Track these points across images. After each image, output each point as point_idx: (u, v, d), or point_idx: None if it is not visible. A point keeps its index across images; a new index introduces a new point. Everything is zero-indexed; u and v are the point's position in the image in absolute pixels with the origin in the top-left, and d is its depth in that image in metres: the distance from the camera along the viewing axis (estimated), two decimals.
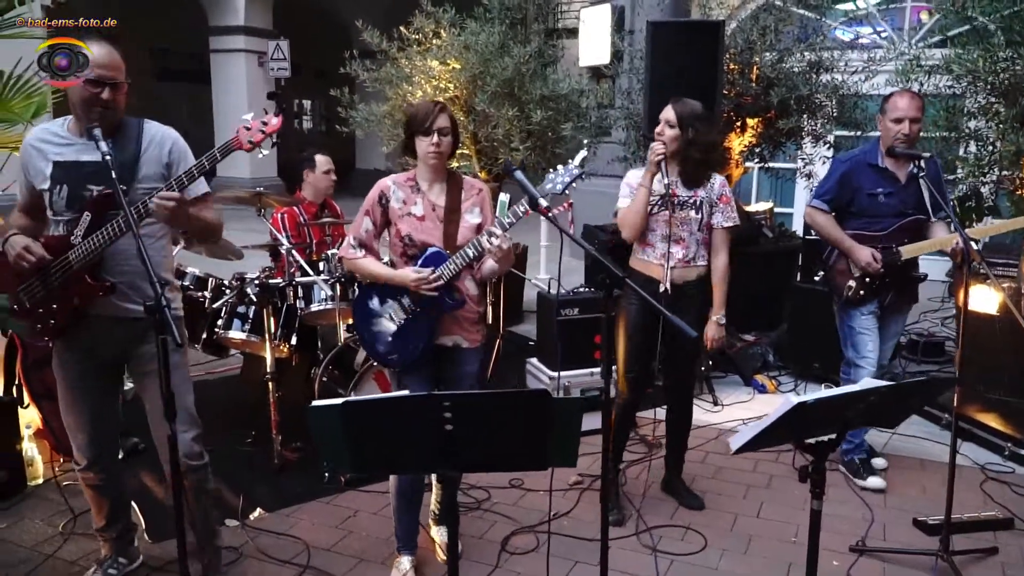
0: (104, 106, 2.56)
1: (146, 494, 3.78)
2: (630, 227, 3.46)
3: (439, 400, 2.05)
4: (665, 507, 3.79)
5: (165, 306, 2.12)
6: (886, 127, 3.73)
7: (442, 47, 6.04)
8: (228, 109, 14.99)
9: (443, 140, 2.88)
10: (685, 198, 3.46)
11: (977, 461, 4.21)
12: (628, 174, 3.60)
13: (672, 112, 3.40)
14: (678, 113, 3.40)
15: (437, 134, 2.86)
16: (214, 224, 2.83)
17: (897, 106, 3.69)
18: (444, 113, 2.89)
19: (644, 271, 3.52)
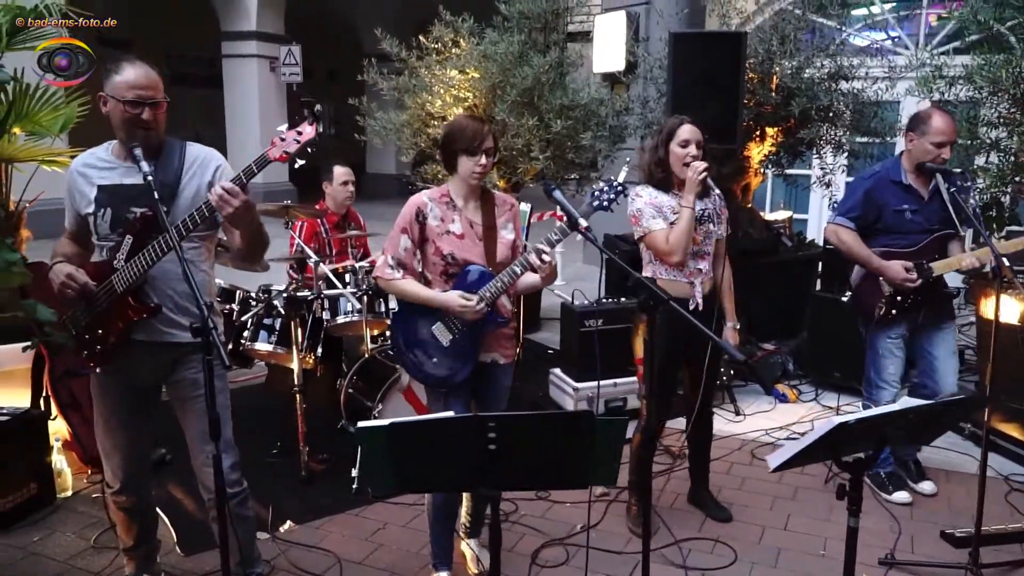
0: (145, 127, 2.58)
1: (175, 506, 3.81)
2: (684, 250, 3.35)
3: (484, 421, 2.08)
4: (692, 519, 3.80)
5: (213, 328, 2.14)
6: (923, 148, 3.64)
7: (461, 56, 6.07)
8: (240, 114, 15.07)
9: (489, 161, 2.88)
10: (700, 212, 3.46)
11: (1001, 472, 4.21)
12: (644, 194, 3.46)
13: (698, 132, 3.40)
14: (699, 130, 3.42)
15: (484, 155, 2.84)
16: (265, 234, 2.77)
17: (941, 129, 3.60)
18: (491, 133, 2.88)
19: (670, 291, 3.43)
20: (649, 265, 3.53)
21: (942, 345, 3.86)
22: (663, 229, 3.39)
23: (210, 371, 2.21)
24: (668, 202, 3.43)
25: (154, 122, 2.60)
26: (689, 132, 3.39)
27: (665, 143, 3.44)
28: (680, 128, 3.41)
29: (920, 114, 3.74)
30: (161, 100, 2.61)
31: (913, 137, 3.71)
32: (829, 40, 5.89)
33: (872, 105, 5.76)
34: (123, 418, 2.83)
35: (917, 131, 3.69)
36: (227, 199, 2.43)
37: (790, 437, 4.70)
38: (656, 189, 3.48)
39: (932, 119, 3.65)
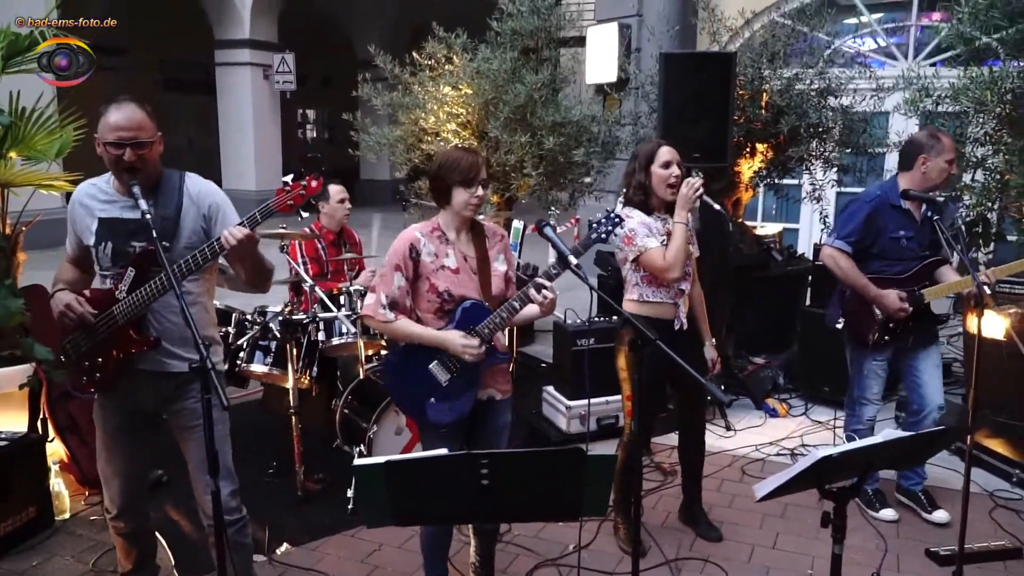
0: (128, 168, 2.59)
1: (172, 528, 3.84)
2: (681, 266, 3.40)
3: (476, 459, 2.14)
4: (683, 537, 3.85)
5: (211, 368, 2.18)
6: (939, 167, 3.70)
7: (454, 72, 6.12)
8: (234, 122, 15.11)
9: (484, 192, 2.86)
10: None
11: (986, 488, 4.28)
12: (635, 215, 3.50)
13: (676, 153, 3.48)
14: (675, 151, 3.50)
15: (480, 186, 2.82)
16: (270, 265, 2.82)
17: (952, 146, 3.71)
18: (484, 164, 2.86)
19: (653, 313, 3.49)
20: (635, 288, 3.55)
21: (928, 361, 3.93)
22: (659, 247, 3.43)
23: (208, 408, 2.25)
24: (654, 223, 3.50)
25: (139, 162, 2.60)
26: (669, 153, 3.47)
27: (645, 167, 3.50)
28: (660, 150, 3.48)
29: (925, 137, 3.78)
30: (146, 140, 2.61)
31: (927, 159, 3.72)
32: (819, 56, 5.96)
33: (861, 122, 5.84)
34: (123, 444, 2.87)
35: (931, 152, 3.72)
36: (238, 237, 2.49)
37: (780, 453, 4.77)
38: (640, 213, 3.53)
39: (942, 138, 3.73)
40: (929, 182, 3.73)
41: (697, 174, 3.57)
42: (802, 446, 4.85)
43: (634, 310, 3.52)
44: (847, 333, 3.97)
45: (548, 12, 6.04)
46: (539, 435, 4.71)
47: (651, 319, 3.46)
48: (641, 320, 3.51)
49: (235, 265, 2.76)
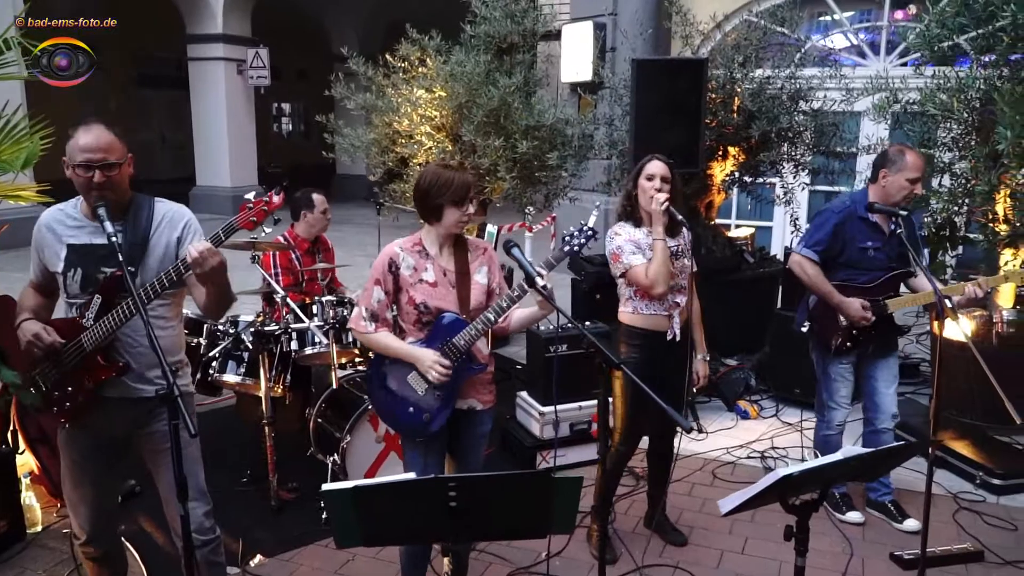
0: (98, 189, 2.57)
1: (145, 539, 3.84)
2: (665, 280, 3.45)
3: (444, 482, 2.17)
4: (654, 543, 3.90)
5: (178, 395, 2.18)
6: (899, 183, 3.74)
7: (428, 75, 6.12)
8: (207, 118, 14.97)
9: (473, 209, 2.89)
10: (674, 248, 3.59)
11: (950, 490, 4.37)
12: (623, 232, 3.57)
13: (665, 168, 3.51)
14: (668, 166, 3.53)
15: (471, 204, 2.86)
16: (232, 293, 2.80)
17: (917, 165, 3.72)
18: (474, 182, 2.89)
19: (647, 325, 3.57)
20: (629, 301, 3.62)
21: (885, 371, 4.01)
22: (643, 263, 3.49)
23: (176, 436, 2.25)
24: (644, 238, 3.56)
25: (108, 184, 2.58)
26: (655, 167, 3.52)
27: (635, 178, 3.59)
28: (648, 164, 3.55)
29: (892, 152, 3.83)
30: (115, 162, 2.59)
31: (887, 173, 3.78)
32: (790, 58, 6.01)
33: (831, 126, 5.90)
34: (91, 472, 2.84)
35: (892, 168, 3.76)
36: (204, 255, 2.46)
37: (750, 456, 4.84)
38: (632, 226, 3.60)
39: (907, 155, 3.75)
40: (889, 197, 3.78)
41: None
42: (772, 448, 4.92)
43: (628, 321, 3.62)
44: (812, 338, 4.04)
45: (522, 16, 6.04)
46: (513, 440, 4.73)
47: (646, 330, 3.57)
48: (636, 331, 3.61)
49: (197, 289, 2.72)
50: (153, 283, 2.53)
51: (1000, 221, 4.89)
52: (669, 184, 3.50)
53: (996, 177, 4.65)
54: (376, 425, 4.09)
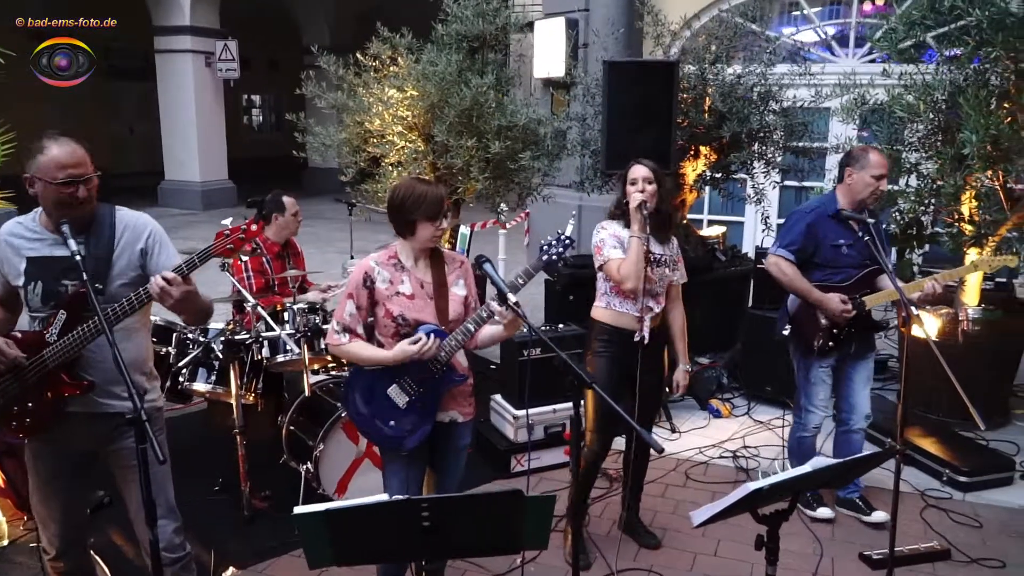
0: (80, 204, 2.54)
1: (114, 552, 3.79)
2: (635, 278, 3.50)
3: (417, 504, 2.17)
4: (628, 547, 3.93)
5: (146, 420, 2.16)
6: (864, 181, 3.80)
7: (399, 74, 6.07)
8: (175, 111, 14.76)
9: (448, 223, 2.90)
10: (659, 255, 3.62)
11: (917, 487, 4.45)
12: (608, 227, 3.66)
13: (648, 171, 3.56)
14: (652, 170, 3.57)
15: (444, 218, 2.86)
16: (207, 306, 2.81)
17: (880, 163, 3.80)
18: (447, 196, 2.89)
19: (617, 322, 3.63)
20: (604, 296, 3.70)
21: (862, 373, 4.08)
22: (618, 259, 3.57)
23: (144, 459, 2.22)
24: (627, 234, 3.60)
25: (88, 199, 2.57)
26: (636, 171, 3.60)
27: (623, 182, 3.67)
28: (631, 168, 3.63)
29: (856, 151, 3.91)
30: (92, 174, 2.57)
31: (852, 172, 3.85)
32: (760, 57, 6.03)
33: (801, 125, 5.94)
34: (59, 487, 2.80)
35: (856, 166, 3.84)
36: (168, 290, 2.44)
37: (722, 456, 4.89)
38: (620, 225, 3.66)
39: (870, 154, 3.84)
40: (856, 195, 3.85)
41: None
42: (744, 448, 4.97)
43: (600, 317, 3.70)
44: (793, 341, 4.09)
45: (494, 15, 6.00)
46: (487, 444, 4.74)
47: (615, 327, 3.64)
48: (606, 327, 3.67)
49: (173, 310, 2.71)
50: (121, 305, 2.50)
51: (965, 221, 4.96)
52: (654, 185, 3.55)
53: (962, 178, 4.72)
54: (352, 435, 4.08)
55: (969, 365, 4.89)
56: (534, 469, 4.56)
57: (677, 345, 3.83)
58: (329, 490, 4.09)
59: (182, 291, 2.46)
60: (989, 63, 4.67)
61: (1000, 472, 4.49)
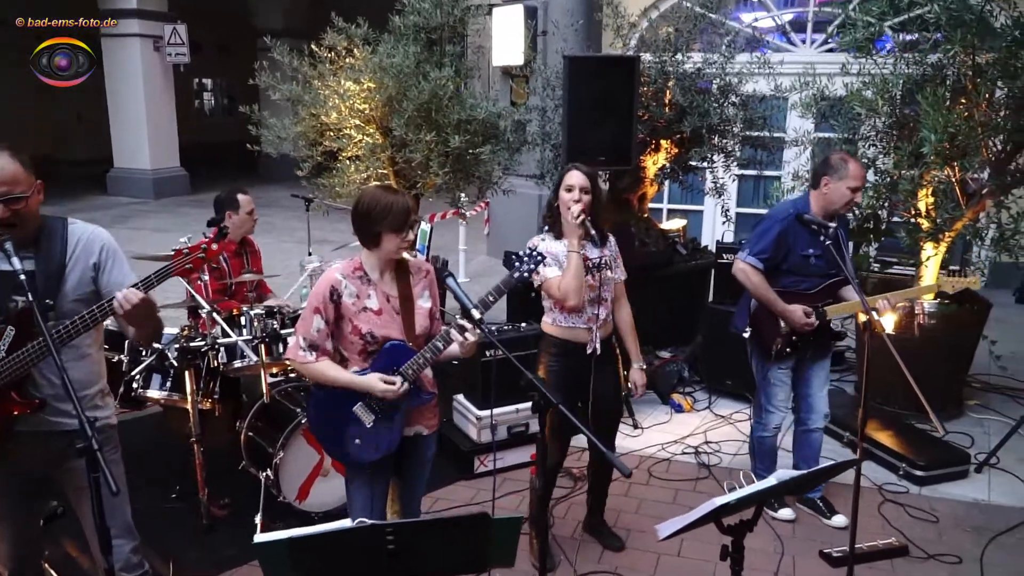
0: (2, 225, 2.43)
1: (70, 564, 3.69)
2: (576, 293, 3.41)
3: (382, 529, 2.13)
4: (592, 549, 3.94)
5: (98, 449, 2.08)
6: (840, 191, 3.77)
7: (356, 66, 5.95)
8: (123, 97, 14.34)
9: (414, 235, 2.85)
10: (597, 259, 3.56)
11: (875, 481, 4.51)
12: (540, 243, 3.48)
13: (584, 179, 3.46)
14: (589, 177, 3.48)
15: (410, 229, 2.80)
16: (161, 325, 2.75)
17: (859, 175, 3.78)
18: (415, 205, 2.85)
19: (568, 336, 3.56)
20: (550, 312, 3.61)
21: (820, 374, 4.12)
22: (556, 277, 3.45)
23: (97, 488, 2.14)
24: (562, 251, 3.50)
25: (15, 218, 2.44)
26: (574, 178, 3.46)
27: (556, 188, 3.54)
28: (568, 174, 3.49)
29: (834, 159, 3.85)
30: (21, 195, 2.44)
31: (828, 181, 3.81)
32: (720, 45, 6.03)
33: (760, 118, 5.96)
34: (9, 506, 2.72)
35: (834, 176, 3.79)
36: (133, 302, 2.38)
37: (685, 452, 4.91)
38: (552, 238, 3.55)
39: (849, 165, 3.79)
40: (830, 204, 3.83)
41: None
42: (706, 443, 5.01)
43: (549, 331, 3.62)
44: (752, 343, 4.09)
45: (451, 5, 5.90)
46: (450, 445, 4.70)
47: (566, 341, 3.56)
48: (555, 340, 3.59)
49: (125, 326, 2.62)
50: (75, 321, 2.42)
51: (923, 216, 5.03)
52: (589, 195, 3.45)
53: (919, 174, 4.77)
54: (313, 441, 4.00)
55: (925, 358, 4.99)
56: (498, 469, 4.53)
57: (628, 344, 3.76)
58: (290, 497, 4.02)
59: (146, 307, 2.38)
60: (947, 60, 4.72)
61: (955, 466, 4.58)
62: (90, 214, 13.32)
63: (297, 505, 4.04)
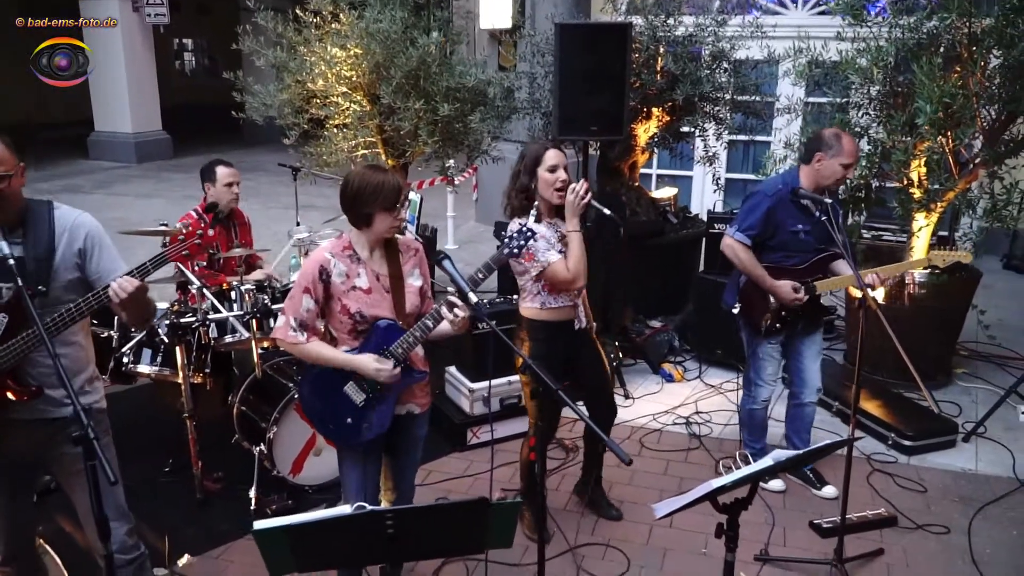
0: None
1: (65, 540, 3.68)
2: (585, 273, 3.38)
3: (382, 515, 2.12)
4: (585, 520, 3.97)
5: (94, 438, 2.05)
6: (832, 168, 3.73)
7: (342, 31, 5.83)
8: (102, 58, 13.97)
9: (405, 214, 2.80)
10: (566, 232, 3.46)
11: (864, 451, 4.56)
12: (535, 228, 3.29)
13: (563, 156, 3.39)
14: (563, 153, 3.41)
15: (402, 209, 2.76)
16: (154, 309, 2.72)
17: (852, 152, 3.73)
18: (406, 184, 2.79)
19: (558, 317, 3.52)
20: (536, 296, 3.50)
21: (811, 348, 4.12)
22: (561, 259, 3.38)
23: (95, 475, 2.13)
24: (548, 232, 3.42)
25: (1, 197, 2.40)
26: (555, 157, 3.37)
27: (531, 170, 3.41)
28: (546, 154, 3.38)
29: (828, 135, 3.80)
30: (5, 174, 2.40)
31: (822, 157, 3.76)
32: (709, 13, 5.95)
33: (752, 85, 5.91)
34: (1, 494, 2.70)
35: (827, 152, 3.74)
36: (128, 291, 2.36)
37: (675, 422, 4.94)
38: (534, 220, 3.38)
39: (843, 141, 3.74)
40: (822, 180, 3.80)
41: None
42: (697, 413, 5.04)
43: (535, 316, 3.52)
44: (742, 318, 4.09)
45: None
46: (443, 417, 4.70)
47: (553, 323, 3.51)
48: (542, 324, 3.53)
49: (118, 310, 2.59)
50: (70, 309, 2.38)
51: (915, 186, 5.02)
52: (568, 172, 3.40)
53: (912, 145, 4.75)
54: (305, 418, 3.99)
55: (915, 327, 5.02)
56: (491, 442, 4.54)
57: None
58: (284, 471, 4.03)
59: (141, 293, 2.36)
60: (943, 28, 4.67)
61: (943, 436, 4.63)
62: (72, 179, 13.12)
63: (291, 479, 4.05)
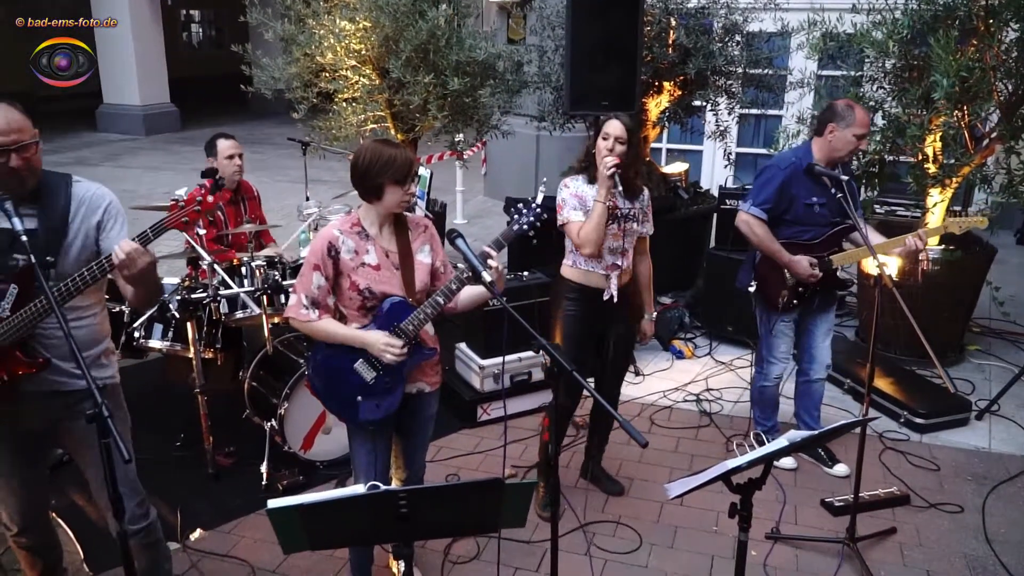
0: (13, 174, 2.37)
1: (77, 514, 3.71)
2: (595, 244, 3.43)
3: (395, 495, 2.12)
4: (596, 497, 3.97)
5: (108, 416, 2.05)
6: (845, 138, 3.69)
7: (350, 4, 5.77)
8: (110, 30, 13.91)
9: (416, 188, 2.78)
10: (627, 211, 3.54)
11: (876, 429, 4.54)
12: (571, 185, 3.53)
13: (623, 129, 3.40)
14: (628, 128, 3.43)
15: (412, 181, 2.74)
16: (161, 286, 2.69)
17: (864, 122, 3.69)
18: (416, 158, 2.78)
19: (584, 281, 3.58)
20: (570, 254, 3.63)
21: (823, 326, 4.10)
22: (578, 222, 3.48)
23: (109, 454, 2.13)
24: (591, 194, 3.49)
25: (24, 167, 2.39)
26: (612, 127, 3.43)
27: (595, 135, 3.54)
28: (607, 123, 3.46)
29: (839, 106, 3.75)
30: (31, 141, 2.39)
31: (834, 128, 3.72)
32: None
33: (765, 58, 5.83)
34: (15, 465, 2.71)
35: (840, 123, 3.70)
36: (134, 258, 2.30)
37: (686, 399, 4.93)
38: (584, 181, 3.53)
39: (855, 111, 3.70)
40: (835, 152, 3.75)
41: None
42: (707, 390, 5.03)
43: (567, 275, 3.65)
44: (758, 295, 4.06)
45: None
46: (453, 394, 4.70)
47: (582, 286, 3.59)
48: (573, 285, 3.62)
49: (124, 286, 2.57)
50: (75, 278, 2.36)
51: (930, 160, 4.96)
52: (624, 145, 3.40)
53: (927, 119, 4.68)
54: None
55: (929, 303, 4.99)
56: (502, 418, 4.54)
57: (644, 296, 3.83)
58: (295, 446, 4.04)
59: (145, 261, 2.32)
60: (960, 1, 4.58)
61: (956, 414, 4.60)
62: (81, 152, 13.10)
63: (302, 455, 4.06)
